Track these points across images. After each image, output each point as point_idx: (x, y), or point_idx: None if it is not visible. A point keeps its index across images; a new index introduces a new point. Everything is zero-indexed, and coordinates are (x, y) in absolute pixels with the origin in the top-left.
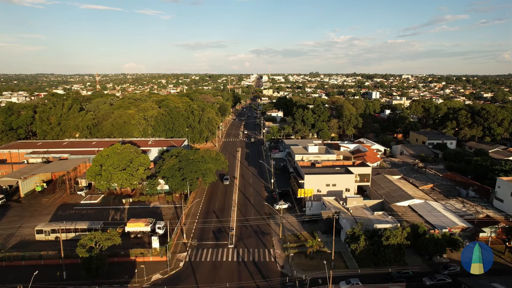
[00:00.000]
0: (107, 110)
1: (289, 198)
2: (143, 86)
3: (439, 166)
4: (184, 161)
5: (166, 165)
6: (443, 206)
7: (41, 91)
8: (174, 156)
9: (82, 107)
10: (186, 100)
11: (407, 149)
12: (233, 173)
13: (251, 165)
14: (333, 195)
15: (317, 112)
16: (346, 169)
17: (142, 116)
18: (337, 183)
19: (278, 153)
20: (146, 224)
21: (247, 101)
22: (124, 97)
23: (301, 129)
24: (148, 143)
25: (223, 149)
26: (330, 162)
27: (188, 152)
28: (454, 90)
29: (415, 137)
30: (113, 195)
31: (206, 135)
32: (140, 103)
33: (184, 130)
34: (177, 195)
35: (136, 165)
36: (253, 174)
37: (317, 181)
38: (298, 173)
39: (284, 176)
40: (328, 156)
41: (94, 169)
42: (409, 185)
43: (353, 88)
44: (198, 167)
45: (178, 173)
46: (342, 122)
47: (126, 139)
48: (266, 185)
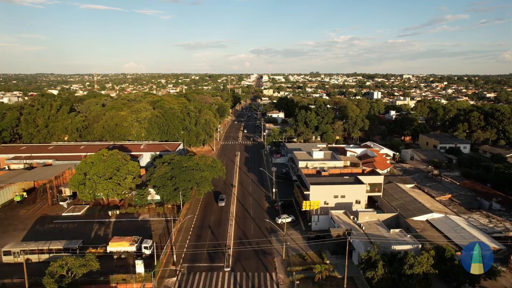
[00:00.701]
0: (98, 111)
1: (292, 210)
2: (142, 86)
3: (455, 173)
4: (176, 169)
5: (157, 173)
6: (466, 221)
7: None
8: (166, 163)
9: (73, 108)
10: (183, 100)
11: (418, 153)
12: (232, 180)
13: (250, 171)
14: (342, 207)
15: (321, 113)
16: (355, 179)
17: (134, 118)
18: (347, 194)
19: (279, 158)
20: (131, 243)
21: (247, 101)
22: (117, 98)
23: (304, 131)
24: (140, 147)
25: (221, 153)
26: (337, 170)
27: (182, 158)
28: (456, 90)
29: (425, 141)
30: (99, 205)
31: (203, 138)
32: (133, 104)
33: (180, 133)
34: (169, 206)
35: (124, 173)
36: (253, 182)
37: (324, 192)
38: (303, 182)
39: (287, 184)
40: (334, 162)
41: (77, 178)
42: (424, 195)
43: (354, 88)
44: (192, 176)
45: (170, 182)
46: (347, 125)
47: (117, 143)
48: (267, 194)
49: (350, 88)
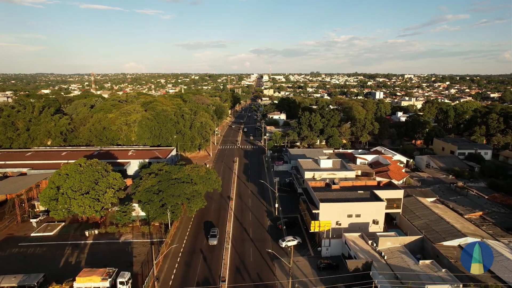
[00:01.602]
0: (85, 113)
1: (298, 230)
2: (141, 86)
3: (480, 184)
4: (164, 182)
5: (143, 186)
6: (508, 247)
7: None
8: (154, 174)
9: (61, 110)
10: (178, 101)
11: (435, 160)
12: (229, 192)
13: (250, 180)
14: (357, 228)
15: (326, 116)
16: (372, 194)
17: (123, 121)
18: (362, 213)
19: (282, 165)
20: (104, 277)
21: (247, 101)
22: (108, 99)
23: (308, 135)
24: (128, 154)
25: (218, 159)
26: (349, 182)
27: (171, 169)
28: (459, 90)
29: (440, 145)
30: (77, 222)
31: (199, 143)
32: (123, 105)
33: (173, 137)
34: (156, 223)
35: (103, 187)
36: (253, 193)
37: (336, 211)
38: (310, 197)
39: (291, 196)
40: (345, 173)
41: (48, 193)
42: (450, 212)
43: (355, 88)
44: (182, 190)
45: (156, 197)
46: (355, 128)
47: (104, 148)
48: (268, 209)
49: (352, 88)
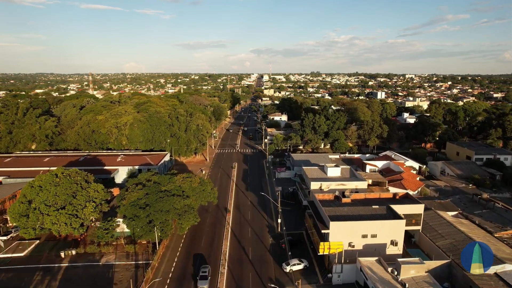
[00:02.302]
0: (74, 115)
1: (303, 249)
2: (141, 85)
3: (504, 195)
4: (152, 195)
5: (128, 198)
6: None
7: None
8: (141, 184)
9: (50, 111)
10: (174, 102)
11: (451, 167)
12: (226, 203)
13: (250, 189)
14: (372, 250)
15: (331, 118)
16: (388, 209)
17: (113, 123)
18: (379, 232)
19: (284, 172)
20: None
21: (247, 101)
22: (100, 99)
23: (312, 139)
24: (117, 160)
25: (215, 164)
26: (361, 195)
27: (161, 179)
28: (462, 90)
29: (454, 150)
30: (53, 240)
31: (195, 147)
32: (115, 106)
33: (167, 141)
34: (143, 241)
35: (82, 200)
36: (253, 204)
37: (348, 230)
38: (317, 211)
39: (295, 209)
40: (356, 183)
41: (18, 208)
42: (477, 229)
43: (356, 88)
44: (172, 205)
45: (143, 212)
46: (362, 131)
47: (92, 153)
48: (270, 223)
49: (353, 88)
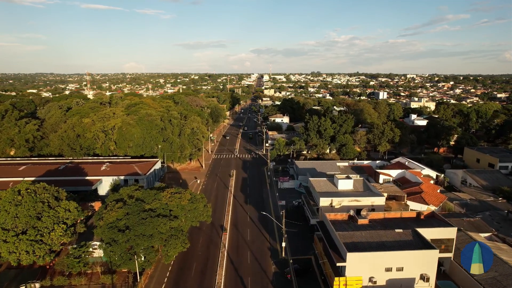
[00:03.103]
0: (58, 117)
1: (312, 279)
2: (140, 85)
3: None
4: (134, 215)
5: (106, 219)
6: None
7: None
8: (121, 202)
9: (34, 113)
10: (168, 103)
11: (473, 177)
12: (222, 219)
13: (249, 202)
14: (398, 287)
15: (338, 120)
16: (414, 234)
17: (100, 127)
18: (406, 265)
19: (288, 182)
20: None
21: (247, 101)
22: (90, 100)
23: (317, 143)
24: (101, 169)
25: (211, 172)
26: (380, 214)
27: (145, 195)
28: (464, 90)
29: (473, 156)
30: (16, 268)
31: (189, 152)
32: (104, 108)
33: (159, 146)
34: (124, 269)
35: (49, 223)
36: (252, 221)
37: (369, 262)
38: (328, 236)
39: (301, 228)
40: (372, 198)
41: None
42: None
43: (358, 88)
44: (156, 227)
45: (122, 237)
46: (372, 135)
47: (75, 160)
48: (272, 245)
49: (354, 88)
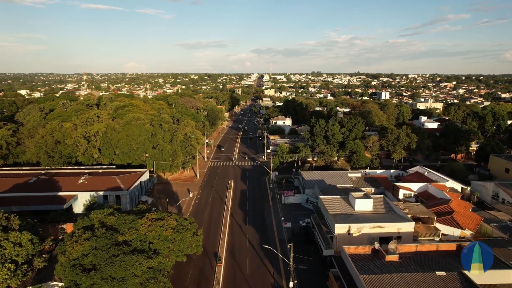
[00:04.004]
0: (37, 121)
1: None
2: (138, 85)
3: None
4: (103, 251)
5: (69, 254)
6: None
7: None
8: (90, 231)
9: (12, 116)
10: (161, 106)
11: (508, 191)
12: (216, 245)
13: (248, 221)
14: None
15: (347, 125)
16: (462, 278)
17: (82, 132)
18: None
19: (293, 196)
20: None
21: (247, 101)
22: (76, 101)
23: (325, 150)
24: (78, 182)
25: (207, 182)
26: (411, 247)
27: (119, 222)
28: (467, 90)
29: (501, 165)
30: None
31: (182, 160)
32: (88, 111)
33: (147, 154)
34: None
35: None
36: (252, 247)
37: None
38: (350, 279)
39: (313, 264)
40: (398, 224)
41: None
42: None
43: (359, 88)
44: (130, 267)
45: (86, 279)
46: (386, 141)
47: (51, 170)
48: (277, 282)
49: (356, 88)
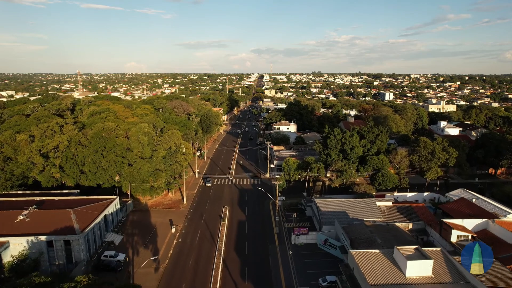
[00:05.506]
0: None
1: None
2: (136, 86)
3: None
4: None
5: None
6: None
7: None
8: None
9: None
10: (146, 111)
11: None
12: None
13: (248, 276)
14: None
15: (368, 135)
16: None
17: (38, 146)
18: None
19: (306, 235)
20: None
21: (248, 102)
22: (46, 106)
23: (342, 169)
24: (16, 220)
25: (195, 210)
26: None
27: None
28: (473, 90)
29: None
30: None
31: (165, 181)
32: (53, 119)
33: (122, 173)
34: None
35: None
36: None
37: None
38: None
39: None
40: None
41: None
42: None
43: (362, 89)
44: None
45: None
46: (417, 157)
47: None
48: None
49: (358, 88)
